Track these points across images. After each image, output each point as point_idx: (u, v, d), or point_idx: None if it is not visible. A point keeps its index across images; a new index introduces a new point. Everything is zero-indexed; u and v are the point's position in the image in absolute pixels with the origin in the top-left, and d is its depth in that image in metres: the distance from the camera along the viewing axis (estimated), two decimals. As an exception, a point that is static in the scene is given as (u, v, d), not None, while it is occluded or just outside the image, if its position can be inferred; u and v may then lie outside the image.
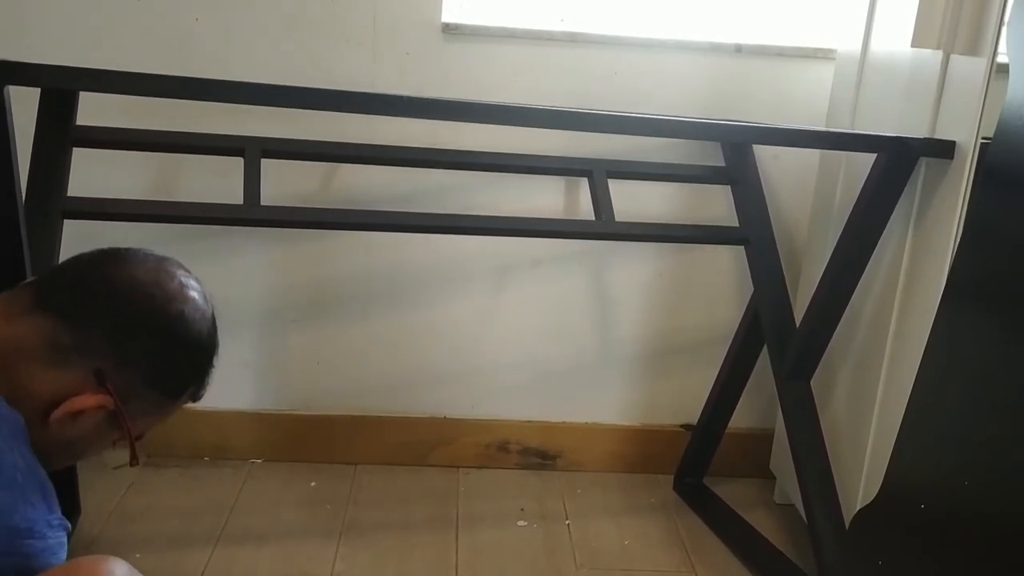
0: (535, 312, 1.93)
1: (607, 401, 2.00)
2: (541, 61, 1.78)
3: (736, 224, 1.79)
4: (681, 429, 2.00)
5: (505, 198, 1.83)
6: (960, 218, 1.33)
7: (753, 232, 1.75)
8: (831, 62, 1.77)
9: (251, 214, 1.50)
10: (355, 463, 1.97)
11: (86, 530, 1.67)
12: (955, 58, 1.34)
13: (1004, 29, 1.24)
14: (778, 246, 1.77)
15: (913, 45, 1.39)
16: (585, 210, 1.79)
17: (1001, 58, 1.25)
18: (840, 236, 1.53)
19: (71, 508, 1.69)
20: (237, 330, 1.90)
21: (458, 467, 1.99)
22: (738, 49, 1.80)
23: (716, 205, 1.88)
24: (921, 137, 1.40)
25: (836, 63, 1.75)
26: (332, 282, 1.89)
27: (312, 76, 1.74)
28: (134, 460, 0.99)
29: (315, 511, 1.80)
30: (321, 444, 1.96)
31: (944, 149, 1.36)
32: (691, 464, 1.95)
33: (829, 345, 1.71)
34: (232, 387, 1.93)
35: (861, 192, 1.48)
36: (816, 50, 1.80)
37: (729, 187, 1.82)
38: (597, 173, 1.70)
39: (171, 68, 1.71)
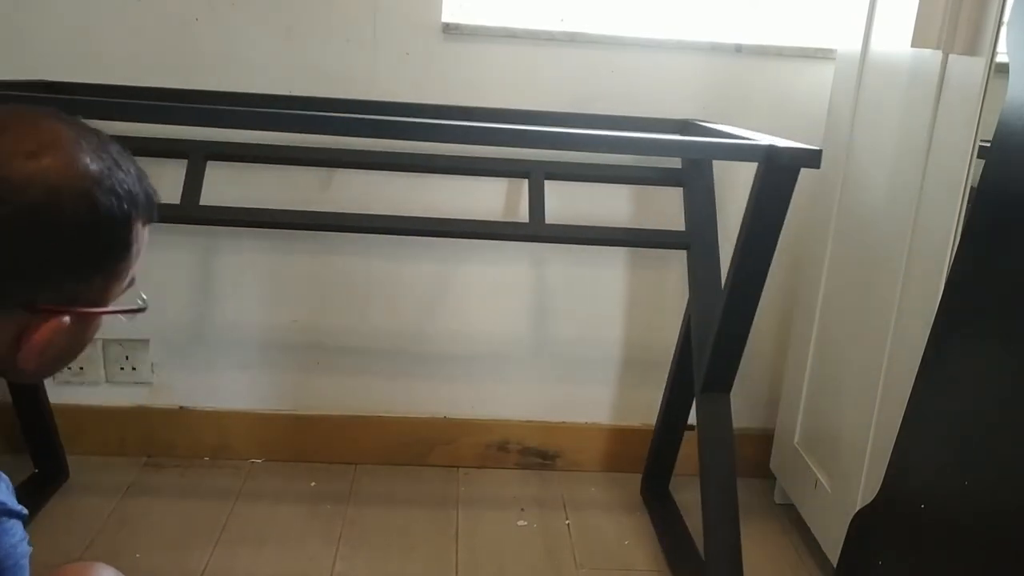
0: (536, 313, 1.93)
1: (607, 401, 2.00)
2: (541, 61, 1.78)
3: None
4: (681, 429, 2.01)
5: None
6: (959, 218, 1.33)
7: (696, 237, 1.68)
8: (831, 62, 1.77)
9: (189, 212, 1.54)
10: (355, 463, 1.97)
11: (86, 530, 1.67)
12: (954, 58, 1.34)
13: (1003, 29, 1.23)
14: (778, 248, 1.75)
15: (913, 45, 1.39)
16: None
17: (1001, 58, 1.25)
18: (735, 248, 1.46)
19: (56, 470, 1.81)
20: (237, 331, 1.90)
21: (458, 467, 1.99)
22: (738, 49, 1.80)
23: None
24: (791, 146, 1.33)
25: (836, 63, 1.75)
26: (332, 282, 1.89)
27: (312, 76, 1.75)
28: (139, 310, 0.84)
29: (315, 511, 1.80)
30: (321, 444, 1.96)
31: (811, 159, 1.31)
32: (654, 470, 1.92)
33: (829, 345, 1.71)
34: (232, 387, 1.93)
35: (748, 200, 1.42)
36: (816, 50, 1.80)
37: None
38: (535, 174, 1.66)
39: (171, 68, 1.73)
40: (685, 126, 1.73)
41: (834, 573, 1.48)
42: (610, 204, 1.86)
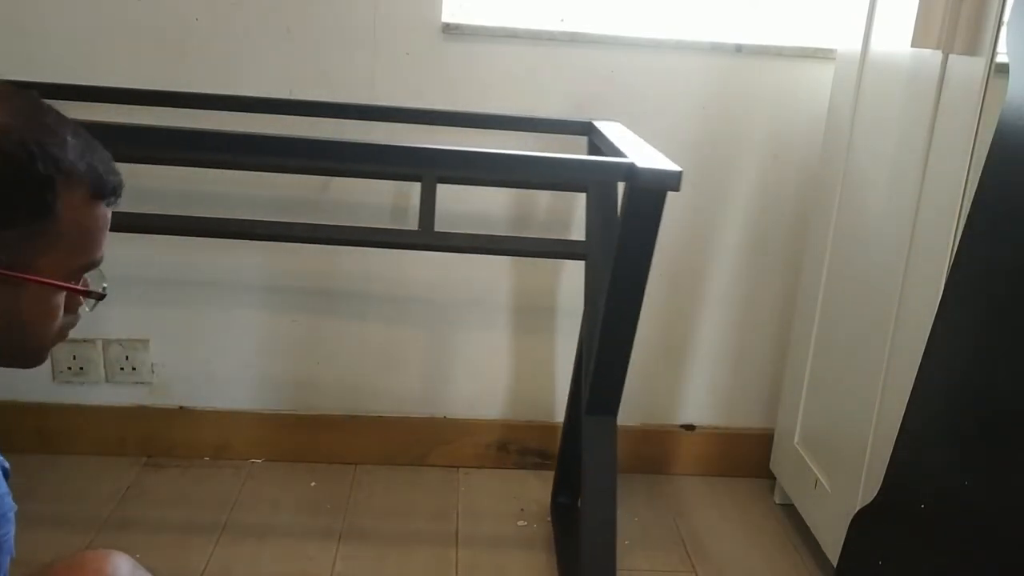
0: (536, 312, 1.93)
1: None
2: (541, 61, 1.78)
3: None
4: (681, 429, 2.00)
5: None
6: (959, 218, 1.33)
7: (594, 247, 1.58)
8: (831, 62, 1.77)
9: None
10: (355, 463, 1.97)
11: (86, 531, 1.67)
12: (954, 58, 1.34)
13: (1003, 29, 1.24)
14: (778, 248, 1.74)
15: (913, 45, 1.39)
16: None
17: (1001, 58, 1.25)
18: (611, 270, 1.38)
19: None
20: (237, 331, 1.90)
21: (458, 467, 1.99)
22: (738, 49, 1.80)
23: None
24: (651, 167, 1.24)
25: (836, 63, 1.74)
26: (332, 283, 1.89)
27: (311, 76, 1.75)
28: (92, 294, 0.84)
29: (315, 511, 1.80)
30: (321, 444, 1.96)
31: (672, 181, 1.22)
32: (563, 485, 1.87)
33: (829, 345, 1.71)
34: (232, 387, 1.93)
35: (620, 219, 1.37)
36: (816, 50, 1.80)
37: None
38: (428, 178, 1.56)
39: (171, 68, 1.73)
40: (589, 128, 1.66)
41: (834, 573, 1.48)
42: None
